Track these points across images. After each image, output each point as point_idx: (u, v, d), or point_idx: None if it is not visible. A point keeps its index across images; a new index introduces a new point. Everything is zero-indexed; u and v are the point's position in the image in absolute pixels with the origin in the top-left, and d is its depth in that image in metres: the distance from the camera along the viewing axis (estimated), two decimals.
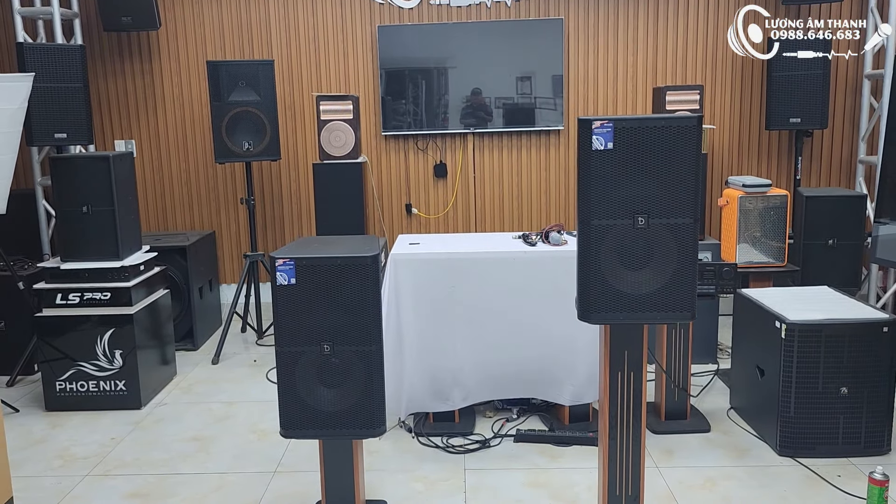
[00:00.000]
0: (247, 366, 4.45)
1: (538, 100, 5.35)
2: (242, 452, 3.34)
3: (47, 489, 3.05)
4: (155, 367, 4.06)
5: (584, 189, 2.13)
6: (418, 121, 5.38)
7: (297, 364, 2.39)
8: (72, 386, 3.81)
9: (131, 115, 5.52)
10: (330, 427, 2.42)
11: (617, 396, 2.32)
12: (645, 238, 2.13)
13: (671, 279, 2.14)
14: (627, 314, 2.17)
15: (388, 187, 5.56)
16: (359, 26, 5.36)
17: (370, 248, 2.42)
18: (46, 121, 4.40)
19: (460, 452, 3.26)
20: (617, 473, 2.36)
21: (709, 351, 4.19)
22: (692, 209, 2.10)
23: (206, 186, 5.60)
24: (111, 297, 3.80)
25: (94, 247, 3.82)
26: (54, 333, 3.79)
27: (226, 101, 4.53)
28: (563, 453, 3.24)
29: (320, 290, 2.34)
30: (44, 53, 4.38)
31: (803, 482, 2.94)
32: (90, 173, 3.77)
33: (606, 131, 2.09)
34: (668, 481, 2.98)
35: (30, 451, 3.39)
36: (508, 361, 3.36)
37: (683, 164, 2.08)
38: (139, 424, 3.67)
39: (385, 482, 3.03)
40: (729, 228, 3.82)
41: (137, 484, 3.09)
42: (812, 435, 3.09)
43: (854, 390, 3.04)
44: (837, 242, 4.15)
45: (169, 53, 5.45)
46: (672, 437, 3.36)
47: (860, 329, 3.03)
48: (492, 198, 5.54)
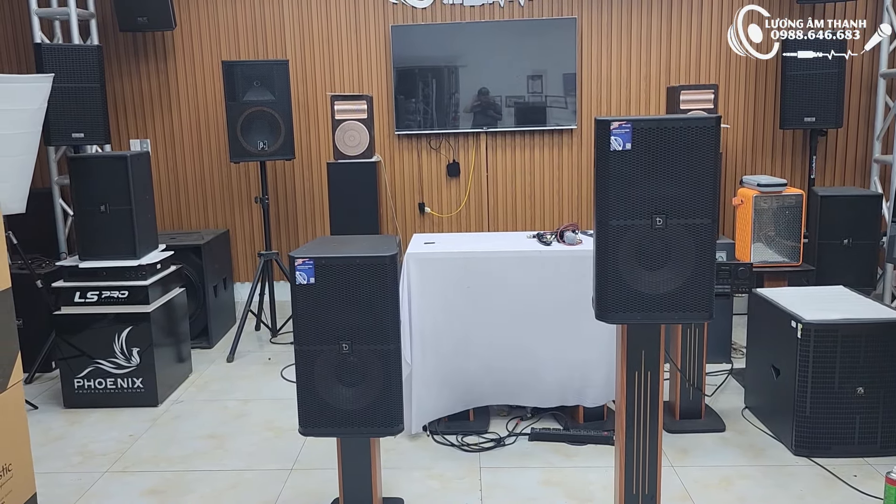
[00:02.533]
0: (261, 364, 4.48)
1: (549, 98, 5.34)
2: (259, 450, 3.37)
3: (67, 485, 3.09)
4: (171, 364, 4.09)
5: (602, 189, 2.14)
6: (431, 120, 5.39)
7: (315, 363, 2.41)
8: (90, 383, 3.85)
9: (146, 115, 5.56)
10: (348, 425, 2.44)
11: (634, 396, 2.33)
12: (663, 238, 2.13)
13: (689, 279, 2.14)
14: (645, 314, 2.18)
15: (401, 186, 5.58)
16: (372, 26, 5.38)
17: (388, 248, 2.43)
18: (63, 120, 4.43)
19: (475, 451, 3.27)
20: (634, 472, 2.37)
21: (723, 350, 4.19)
22: (711, 209, 2.11)
23: (221, 185, 5.64)
24: (128, 295, 3.83)
25: (111, 245, 3.86)
26: (72, 331, 3.83)
27: (241, 100, 4.56)
28: (577, 452, 3.24)
29: (339, 289, 2.35)
30: (61, 54, 4.41)
31: (819, 482, 2.94)
32: (108, 173, 3.81)
33: (625, 132, 2.09)
34: (683, 480, 2.99)
35: (49, 448, 3.43)
36: (525, 362, 3.35)
37: (702, 165, 2.09)
38: (156, 421, 3.70)
39: (401, 480, 3.05)
40: (744, 228, 3.82)
41: (155, 480, 3.12)
42: (828, 435, 3.09)
43: (870, 390, 3.04)
44: (852, 242, 4.13)
45: (184, 53, 5.48)
46: (687, 436, 3.36)
47: (876, 329, 3.03)
48: (504, 197, 5.54)
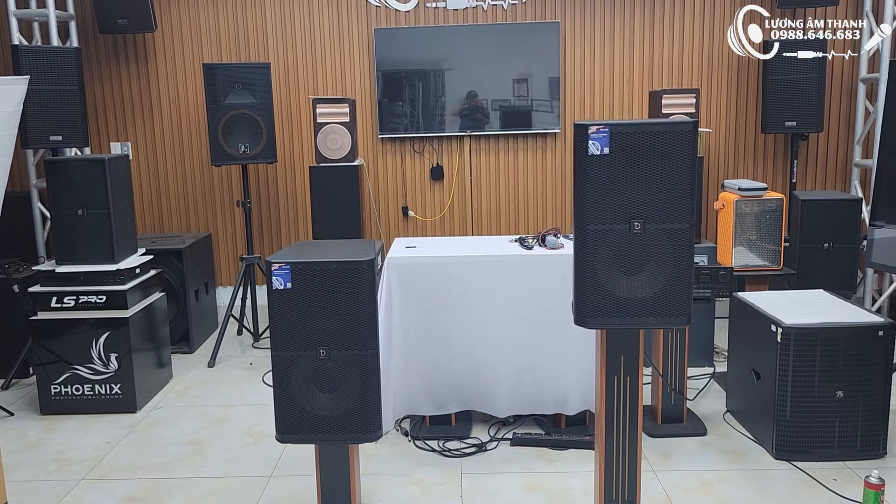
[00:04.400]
0: (243, 369, 4.45)
1: (534, 102, 5.35)
2: (239, 456, 3.34)
3: (42, 493, 3.04)
4: (150, 370, 4.05)
5: (581, 194, 2.14)
6: (415, 123, 5.38)
7: (292, 368, 2.38)
8: (67, 389, 3.80)
9: (127, 118, 5.51)
10: (326, 431, 2.41)
11: (613, 401, 2.32)
12: (641, 243, 2.13)
13: (667, 284, 2.14)
14: (623, 319, 2.18)
15: (384, 190, 5.56)
16: (355, 29, 5.36)
17: (366, 253, 2.41)
18: (42, 123, 4.39)
19: (457, 456, 3.26)
20: (613, 477, 2.36)
21: (705, 354, 4.20)
22: (688, 214, 2.11)
23: (202, 189, 5.59)
24: (106, 300, 3.78)
25: (89, 250, 3.81)
26: (49, 336, 3.77)
27: (222, 103, 4.53)
28: (559, 457, 3.24)
29: (316, 294, 2.33)
30: (39, 56, 4.37)
31: (799, 486, 2.95)
32: (85, 176, 3.76)
33: (602, 136, 2.09)
34: (664, 485, 2.98)
35: (24, 455, 3.38)
36: (506, 366, 3.34)
37: (679, 169, 2.09)
38: (134, 428, 3.66)
39: (381, 486, 3.02)
40: (725, 232, 3.83)
41: (133, 488, 3.08)
42: (808, 438, 3.10)
43: (850, 394, 3.05)
44: (833, 246, 4.15)
45: (165, 56, 5.44)
46: (668, 440, 3.36)
47: (856, 333, 3.04)
48: (489, 200, 5.54)
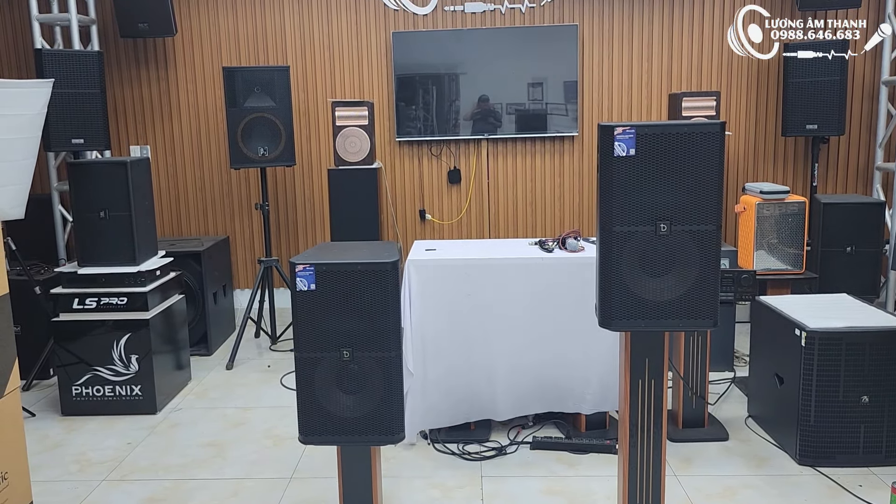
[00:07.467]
0: (261, 371, 4.45)
1: (550, 105, 5.34)
2: (258, 458, 3.34)
3: (64, 494, 3.06)
4: (170, 371, 4.07)
5: (606, 195, 2.12)
6: (432, 127, 5.38)
7: (315, 370, 2.38)
8: (88, 390, 3.82)
9: (147, 121, 5.55)
10: (348, 433, 2.41)
11: (637, 404, 2.30)
12: (667, 245, 2.11)
13: (693, 286, 2.12)
14: (648, 321, 2.16)
15: (402, 193, 5.56)
16: (373, 33, 5.38)
17: (389, 255, 2.41)
18: (64, 126, 4.43)
19: (477, 459, 3.25)
20: (637, 482, 2.34)
21: (725, 358, 4.16)
22: (715, 216, 2.09)
23: (221, 192, 5.62)
24: (127, 301, 3.81)
25: (110, 252, 3.84)
26: (70, 338, 3.80)
27: (241, 106, 4.55)
28: (580, 461, 3.22)
29: (340, 295, 2.33)
30: (61, 59, 4.41)
31: (824, 492, 2.91)
32: (108, 179, 3.79)
33: (629, 137, 2.08)
34: (686, 490, 2.96)
35: (46, 456, 3.40)
36: (525, 369, 3.33)
37: (706, 171, 2.07)
38: (155, 429, 3.67)
39: (402, 489, 3.02)
40: (746, 235, 3.80)
41: (153, 489, 3.09)
42: (832, 444, 3.06)
43: (875, 399, 3.01)
44: (855, 250, 4.11)
45: (185, 60, 5.47)
46: (690, 445, 3.33)
47: (881, 337, 3.01)
48: (505, 204, 5.53)
